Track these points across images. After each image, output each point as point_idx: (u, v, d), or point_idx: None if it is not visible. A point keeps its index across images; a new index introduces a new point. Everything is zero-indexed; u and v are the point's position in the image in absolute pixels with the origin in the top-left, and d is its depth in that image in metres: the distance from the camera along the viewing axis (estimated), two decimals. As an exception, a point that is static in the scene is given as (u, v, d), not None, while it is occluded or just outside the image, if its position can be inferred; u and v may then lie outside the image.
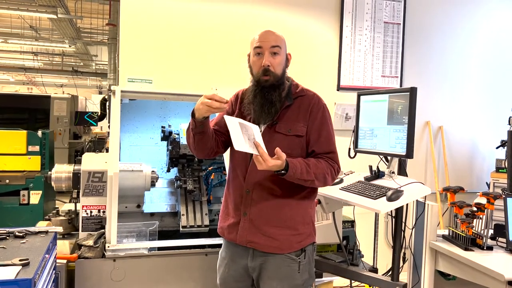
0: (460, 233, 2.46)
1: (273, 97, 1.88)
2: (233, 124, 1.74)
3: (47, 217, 2.63)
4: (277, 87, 1.89)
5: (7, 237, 1.84)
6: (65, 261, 2.19)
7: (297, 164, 1.80)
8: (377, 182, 2.32)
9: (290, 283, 1.88)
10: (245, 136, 1.74)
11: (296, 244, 1.89)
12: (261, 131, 1.90)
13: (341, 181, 2.43)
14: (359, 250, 2.68)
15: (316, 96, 1.98)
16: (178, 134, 2.91)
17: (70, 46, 11.32)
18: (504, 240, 2.45)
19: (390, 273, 2.31)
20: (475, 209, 2.48)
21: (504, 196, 2.47)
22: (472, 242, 2.42)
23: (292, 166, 1.78)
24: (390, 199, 2.06)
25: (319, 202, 2.35)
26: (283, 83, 1.93)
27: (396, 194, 2.08)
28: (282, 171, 1.76)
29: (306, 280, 1.93)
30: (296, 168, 1.79)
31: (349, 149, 2.56)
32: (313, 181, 1.84)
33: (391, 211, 2.25)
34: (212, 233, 2.61)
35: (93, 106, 9.67)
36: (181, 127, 2.99)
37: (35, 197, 4.21)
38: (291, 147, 1.88)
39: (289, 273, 1.88)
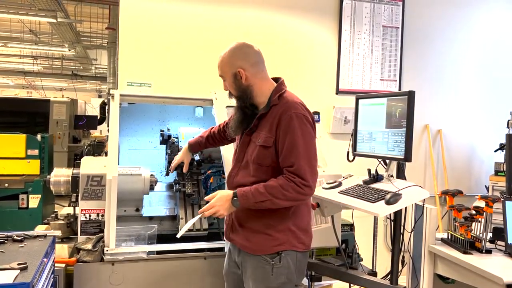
0: (459, 237, 2.46)
1: (236, 108, 2.05)
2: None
3: (45, 221, 2.63)
4: (239, 102, 2.01)
5: (6, 241, 1.83)
6: (63, 265, 2.19)
7: (247, 189, 1.87)
8: (376, 185, 2.32)
9: (263, 285, 1.92)
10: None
11: (270, 248, 1.92)
12: (240, 139, 2.05)
13: (340, 184, 2.43)
14: (358, 253, 2.68)
15: (288, 104, 1.91)
16: (177, 138, 2.92)
17: (69, 50, 11.34)
18: (503, 243, 2.45)
19: (389, 276, 2.31)
20: (473, 212, 2.48)
21: (502, 199, 2.47)
22: (471, 246, 2.42)
23: (241, 194, 1.86)
24: (388, 203, 2.06)
25: (318, 205, 2.35)
26: (245, 97, 1.98)
27: (395, 198, 2.07)
28: (234, 199, 1.87)
29: (282, 284, 1.93)
30: (246, 193, 1.86)
31: (348, 152, 2.56)
32: (272, 200, 1.85)
33: (390, 214, 2.25)
34: (211, 237, 2.61)
35: (93, 110, 9.68)
36: (180, 130, 2.99)
37: (34, 201, 4.20)
38: (260, 157, 1.92)
39: (263, 275, 1.92)
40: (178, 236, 2.00)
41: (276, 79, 2.03)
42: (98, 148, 5.63)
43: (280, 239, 1.92)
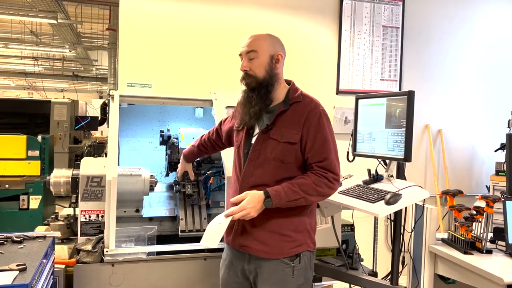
0: (459, 237, 2.45)
1: (252, 98, 1.92)
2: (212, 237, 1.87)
3: (45, 222, 2.63)
4: (260, 88, 1.91)
5: (5, 242, 1.83)
6: (63, 266, 2.18)
7: (278, 188, 1.82)
8: (376, 185, 2.32)
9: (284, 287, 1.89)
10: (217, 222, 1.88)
11: (288, 250, 1.89)
12: (255, 136, 1.95)
13: (340, 184, 2.43)
14: (358, 254, 2.67)
15: (314, 102, 1.94)
16: (177, 139, 2.92)
17: (70, 51, 11.37)
18: (503, 243, 2.45)
19: (390, 277, 2.31)
20: (474, 212, 2.48)
21: (503, 199, 2.46)
22: (471, 246, 2.41)
23: (274, 193, 1.80)
24: (388, 203, 2.06)
25: (318, 206, 2.35)
26: (269, 84, 1.91)
27: (394, 198, 2.07)
28: (267, 199, 1.80)
29: (301, 285, 1.92)
30: (279, 192, 1.81)
31: (348, 152, 2.56)
32: (305, 198, 1.83)
33: (390, 214, 2.25)
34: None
35: (94, 110, 9.68)
36: (180, 131, 2.99)
37: (34, 202, 4.20)
38: (284, 154, 1.88)
39: (283, 278, 1.88)
40: (215, 246, 1.85)
41: (286, 81, 2.03)
42: (99, 149, 5.63)
43: (299, 240, 1.91)
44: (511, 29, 4.66)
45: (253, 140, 1.96)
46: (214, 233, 1.85)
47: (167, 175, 2.95)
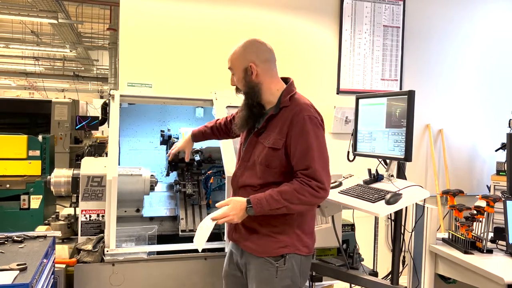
0: (460, 236, 2.45)
1: (243, 105, 2.00)
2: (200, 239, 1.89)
3: (46, 221, 2.64)
4: (248, 96, 1.97)
5: (6, 242, 1.84)
6: (64, 265, 2.19)
7: (261, 196, 1.82)
8: (376, 185, 2.32)
9: (268, 287, 1.89)
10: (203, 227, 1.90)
11: (273, 250, 1.89)
12: (246, 138, 2.01)
13: (340, 184, 2.43)
14: (359, 253, 2.67)
15: (300, 107, 1.89)
16: (177, 138, 2.92)
17: (71, 51, 11.37)
18: (504, 243, 2.45)
19: (390, 276, 2.31)
20: (474, 212, 2.48)
21: (503, 199, 2.46)
22: (472, 245, 2.41)
23: (256, 202, 1.80)
24: (388, 203, 2.06)
25: (318, 205, 2.35)
26: (253, 95, 1.93)
27: (395, 198, 2.07)
28: (248, 207, 1.81)
29: (287, 287, 1.90)
30: (260, 201, 1.81)
31: (348, 152, 2.56)
32: (287, 206, 1.81)
33: (391, 214, 2.25)
34: (211, 237, 2.60)
35: (94, 110, 9.69)
36: (180, 131, 2.99)
37: (35, 201, 4.20)
38: (268, 159, 1.88)
39: (267, 277, 1.89)
40: (200, 249, 1.90)
41: (285, 79, 2.00)
42: (100, 149, 5.62)
43: (285, 242, 1.89)
44: (511, 29, 4.65)
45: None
46: (202, 235, 1.87)
47: (167, 175, 2.95)
